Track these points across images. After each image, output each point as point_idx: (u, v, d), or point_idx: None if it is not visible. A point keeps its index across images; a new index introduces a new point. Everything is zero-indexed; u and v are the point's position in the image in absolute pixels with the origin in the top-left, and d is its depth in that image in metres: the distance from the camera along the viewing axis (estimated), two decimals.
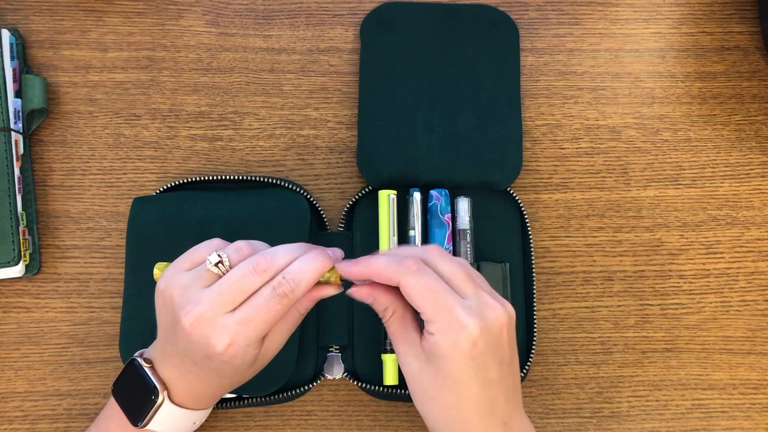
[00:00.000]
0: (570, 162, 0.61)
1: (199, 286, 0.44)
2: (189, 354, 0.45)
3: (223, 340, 0.43)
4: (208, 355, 0.44)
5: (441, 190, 0.57)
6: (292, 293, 0.44)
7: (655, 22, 0.64)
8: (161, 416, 0.47)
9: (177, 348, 0.45)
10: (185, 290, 0.44)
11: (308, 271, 0.44)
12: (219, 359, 0.44)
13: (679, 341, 0.59)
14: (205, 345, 0.43)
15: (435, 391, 0.44)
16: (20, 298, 0.58)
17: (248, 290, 0.44)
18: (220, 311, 0.43)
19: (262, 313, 0.43)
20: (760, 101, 0.63)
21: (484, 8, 0.62)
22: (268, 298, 0.43)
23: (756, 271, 0.60)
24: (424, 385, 0.44)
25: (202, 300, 0.43)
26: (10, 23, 0.62)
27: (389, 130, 0.59)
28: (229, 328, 0.43)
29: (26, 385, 0.57)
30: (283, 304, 0.44)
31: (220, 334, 0.43)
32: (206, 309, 0.43)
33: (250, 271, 0.44)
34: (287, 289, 0.43)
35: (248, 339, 0.44)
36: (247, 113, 0.62)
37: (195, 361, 0.45)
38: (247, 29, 0.63)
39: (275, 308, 0.43)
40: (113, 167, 0.60)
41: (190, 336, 0.44)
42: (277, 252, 0.45)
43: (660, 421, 0.58)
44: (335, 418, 0.57)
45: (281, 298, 0.43)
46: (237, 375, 0.47)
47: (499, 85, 0.60)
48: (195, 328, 0.43)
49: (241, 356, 0.44)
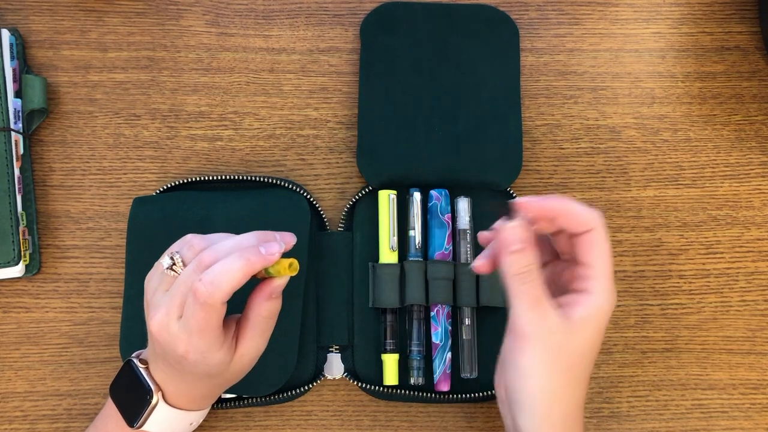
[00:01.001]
0: (570, 162, 0.61)
1: (162, 290, 0.44)
2: (165, 357, 0.45)
3: (180, 349, 0.43)
4: (177, 360, 0.44)
5: (441, 190, 0.57)
6: (211, 297, 0.40)
7: (655, 22, 0.64)
8: (156, 417, 0.47)
9: (156, 352, 0.45)
10: (153, 294, 0.44)
11: (230, 272, 0.41)
12: (187, 364, 0.44)
13: (679, 341, 0.59)
14: (171, 350, 0.43)
15: (556, 339, 0.42)
16: (20, 298, 0.58)
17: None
18: (173, 317, 0.43)
19: (192, 321, 0.41)
20: (760, 101, 0.63)
21: (484, 8, 0.62)
22: (191, 305, 0.41)
23: (756, 271, 0.60)
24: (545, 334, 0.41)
25: (161, 305, 0.43)
26: (10, 23, 0.62)
27: (389, 130, 0.59)
28: (180, 337, 0.42)
29: (26, 385, 0.57)
30: (207, 310, 0.41)
31: (176, 342, 0.43)
32: (163, 315, 0.43)
33: (194, 269, 0.42)
34: (204, 294, 0.40)
35: (198, 347, 0.42)
36: (247, 113, 0.62)
37: (172, 365, 0.45)
38: (247, 29, 0.63)
39: (200, 315, 0.41)
40: (113, 167, 0.60)
41: (158, 341, 0.44)
42: (222, 246, 0.42)
43: (660, 421, 0.58)
44: (335, 418, 0.57)
45: (202, 304, 0.41)
46: (217, 378, 0.46)
47: (499, 85, 0.60)
48: (159, 333, 0.43)
49: (203, 362, 0.43)
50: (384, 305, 0.56)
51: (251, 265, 0.41)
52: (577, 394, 0.43)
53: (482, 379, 0.56)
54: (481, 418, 0.57)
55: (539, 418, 0.42)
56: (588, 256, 0.42)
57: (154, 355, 0.46)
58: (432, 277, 0.56)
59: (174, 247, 0.45)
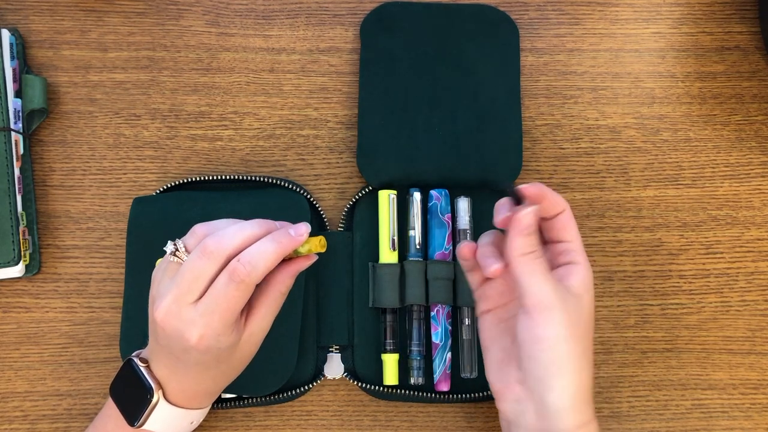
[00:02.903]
0: (570, 162, 0.61)
1: (167, 279, 0.44)
2: (170, 349, 0.45)
3: (193, 334, 0.43)
4: (185, 348, 0.44)
5: (441, 190, 0.57)
6: (249, 277, 0.42)
7: (655, 22, 0.64)
8: (157, 416, 0.47)
9: (160, 345, 0.45)
10: (158, 284, 0.45)
11: (266, 253, 0.43)
12: (196, 351, 0.44)
13: (679, 341, 0.59)
14: (178, 338, 0.43)
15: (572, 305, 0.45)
16: (20, 298, 0.58)
17: (201, 276, 0.43)
18: (183, 303, 0.43)
19: (222, 301, 0.43)
20: (760, 101, 0.63)
21: (484, 8, 0.62)
22: (225, 284, 0.43)
23: (756, 271, 0.60)
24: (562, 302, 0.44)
25: (166, 293, 0.43)
26: (10, 23, 0.62)
27: (389, 130, 0.59)
28: (195, 321, 0.43)
29: (26, 385, 0.57)
30: (241, 290, 0.43)
31: (189, 328, 0.43)
32: (170, 302, 0.43)
33: (198, 255, 0.43)
34: (243, 273, 0.42)
35: (216, 329, 0.43)
36: (247, 113, 0.62)
37: (178, 357, 0.45)
38: (247, 29, 0.63)
39: (234, 294, 0.43)
40: (113, 167, 0.60)
41: (165, 330, 0.44)
42: (226, 232, 0.44)
43: (660, 421, 0.58)
44: (335, 418, 0.57)
45: (238, 284, 0.42)
46: (223, 365, 0.47)
47: (499, 85, 0.60)
48: (166, 322, 0.43)
49: (216, 346, 0.44)
50: (384, 305, 0.56)
51: (283, 247, 0.44)
52: (590, 368, 0.45)
53: (482, 379, 0.56)
54: (481, 418, 0.57)
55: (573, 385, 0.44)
56: (566, 233, 0.47)
57: (156, 350, 0.46)
58: (432, 277, 0.56)
59: (187, 237, 0.46)
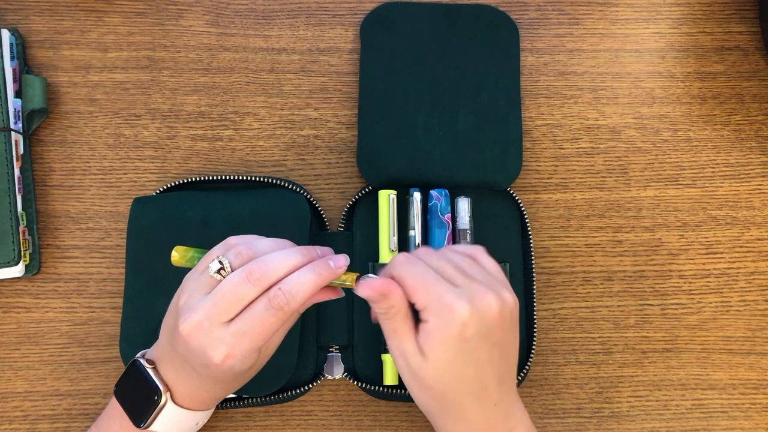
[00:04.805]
0: (570, 162, 0.61)
1: (201, 293, 0.44)
2: (188, 360, 0.45)
3: (219, 352, 0.43)
4: (206, 364, 0.44)
5: (441, 190, 0.57)
6: (288, 305, 0.43)
7: (655, 22, 0.64)
8: (164, 417, 0.47)
9: (176, 352, 0.45)
10: (189, 296, 0.45)
11: (306, 284, 0.44)
12: (217, 369, 0.44)
13: (679, 341, 0.59)
14: (202, 354, 0.43)
15: (414, 362, 0.44)
16: (20, 298, 0.58)
17: (242, 299, 0.43)
18: (215, 321, 0.43)
19: (257, 325, 0.43)
20: (760, 101, 0.63)
21: (484, 8, 0.62)
22: (262, 310, 0.43)
23: (756, 271, 0.60)
24: (420, 375, 0.44)
25: (198, 308, 0.43)
26: (10, 23, 0.62)
27: (389, 130, 0.59)
28: (224, 341, 0.43)
29: (26, 385, 0.57)
30: (278, 317, 0.43)
31: (217, 346, 0.43)
32: (202, 318, 0.43)
33: (243, 279, 0.43)
34: (282, 301, 0.43)
35: (244, 351, 0.43)
36: (247, 113, 0.62)
37: (194, 368, 0.45)
38: (247, 29, 0.63)
39: (270, 321, 0.43)
40: (113, 167, 0.60)
41: (188, 343, 0.44)
42: (272, 259, 0.44)
43: (660, 421, 0.58)
44: (335, 418, 0.57)
45: (276, 311, 0.43)
46: (236, 381, 0.47)
47: (499, 85, 0.60)
48: (192, 336, 0.43)
49: (239, 366, 0.44)
50: None
51: (323, 279, 0.44)
52: (480, 409, 0.45)
53: None
54: None
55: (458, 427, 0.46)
56: (408, 291, 0.45)
57: (170, 356, 0.46)
58: None
59: (216, 251, 0.46)
